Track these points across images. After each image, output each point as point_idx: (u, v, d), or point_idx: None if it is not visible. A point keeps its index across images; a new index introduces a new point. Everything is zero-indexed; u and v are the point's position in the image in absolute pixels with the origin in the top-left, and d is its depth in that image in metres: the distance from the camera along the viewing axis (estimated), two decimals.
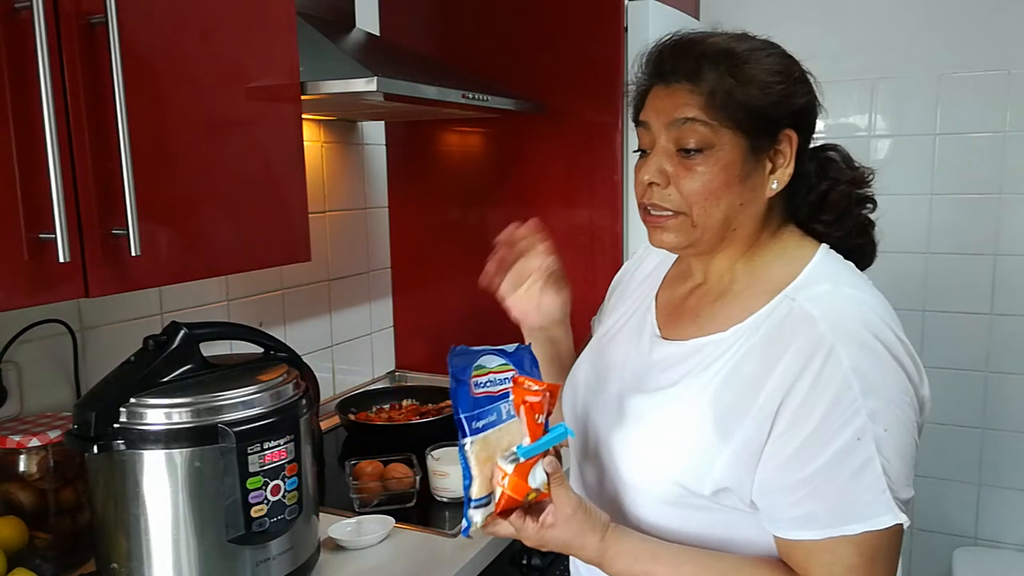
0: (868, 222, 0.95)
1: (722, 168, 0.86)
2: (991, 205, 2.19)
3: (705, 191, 0.86)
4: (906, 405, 0.81)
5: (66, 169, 0.89)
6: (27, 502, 1.15)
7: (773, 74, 0.86)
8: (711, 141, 0.85)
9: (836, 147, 0.96)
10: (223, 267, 1.17)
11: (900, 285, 2.30)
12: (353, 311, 2.09)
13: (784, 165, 0.88)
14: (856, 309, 0.83)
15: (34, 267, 0.87)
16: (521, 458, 0.83)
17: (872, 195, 0.95)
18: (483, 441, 0.85)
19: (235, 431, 1.00)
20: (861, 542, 0.79)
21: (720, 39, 0.89)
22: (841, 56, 2.29)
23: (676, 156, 0.87)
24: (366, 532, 1.27)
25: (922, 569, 2.40)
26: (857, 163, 0.95)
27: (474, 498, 0.85)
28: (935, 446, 2.34)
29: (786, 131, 0.87)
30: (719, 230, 0.89)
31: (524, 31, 1.92)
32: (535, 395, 0.86)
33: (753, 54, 0.87)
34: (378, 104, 1.55)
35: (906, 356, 0.82)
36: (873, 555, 0.81)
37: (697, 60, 0.86)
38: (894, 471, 0.79)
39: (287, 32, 1.23)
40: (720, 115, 0.85)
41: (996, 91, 2.14)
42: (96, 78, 0.92)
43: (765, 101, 0.85)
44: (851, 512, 0.79)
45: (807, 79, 0.90)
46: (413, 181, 2.15)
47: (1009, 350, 2.22)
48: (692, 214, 0.88)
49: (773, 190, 0.88)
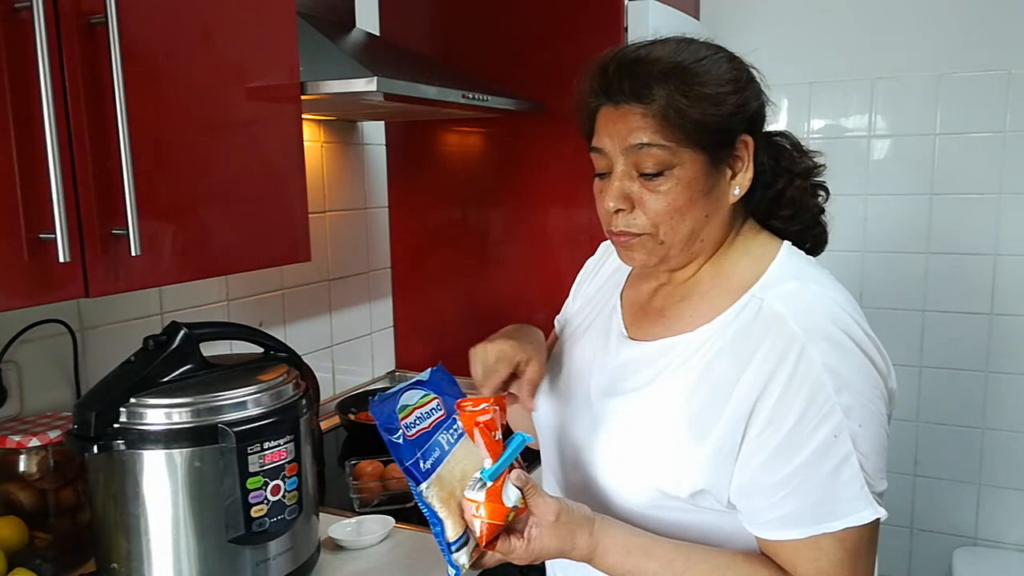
0: (820, 211, 0.96)
1: (685, 186, 0.85)
2: (991, 205, 2.19)
3: (670, 210, 0.86)
4: (877, 399, 0.81)
5: (66, 169, 0.89)
6: (27, 502, 1.15)
7: (723, 84, 0.85)
8: (670, 162, 0.85)
9: (785, 133, 0.96)
10: (223, 267, 1.17)
11: (900, 285, 2.30)
12: (353, 311, 2.09)
13: (743, 170, 0.88)
14: (824, 306, 0.83)
15: (34, 267, 0.87)
16: (488, 481, 0.80)
17: (823, 183, 0.96)
18: (438, 480, 0.82)
19: (235, 431, 1.00)
20: (845, 538, 0.80)
21: (665, 52, 0.86)
22: (841, 56, 2.29)
23: (637, 180, 0.86)
24: (366, 532, 1.27)
25: (922, 569, 2.40)
26: (807, 149, 0.96)
27: (451, 541, 0.81)
28: (935, 446, 2.34)
29: (742, 137, 0.87)
30: (686, 244, 0.88)
31: (524, 31, 1.92)
32: (485, 413, 0.83)
33: (701, 65, 0.85)
34: (378, 104, 1.55)
35: (874, 349, 0.83)
36: (856, 549, 0.81)
37: (645, 80, 0.84)
38: (870, 465, 0.80)
39: (287, 32, 1.23)
40: (676, 135, 0.84)
41: (996, 91, 2.14)
42: (96, 78, 0.92)
43: (720, 114, 0.84)
44: (832, 509, 0.79)
45: (754, 79, 0.89)
46: (413, 181, 2.15)
47: (1009, 350, 2.22)
48: (659, 233, 0.87)
49: (736, 196, 0.88)
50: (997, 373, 2.24)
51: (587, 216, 1.91)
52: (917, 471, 2.38)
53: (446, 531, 0.81)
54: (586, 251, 1.93)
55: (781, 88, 2.37)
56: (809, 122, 2.36)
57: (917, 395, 2.34)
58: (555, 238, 1.97)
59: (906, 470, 2.38)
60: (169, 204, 1.04)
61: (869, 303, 2.35)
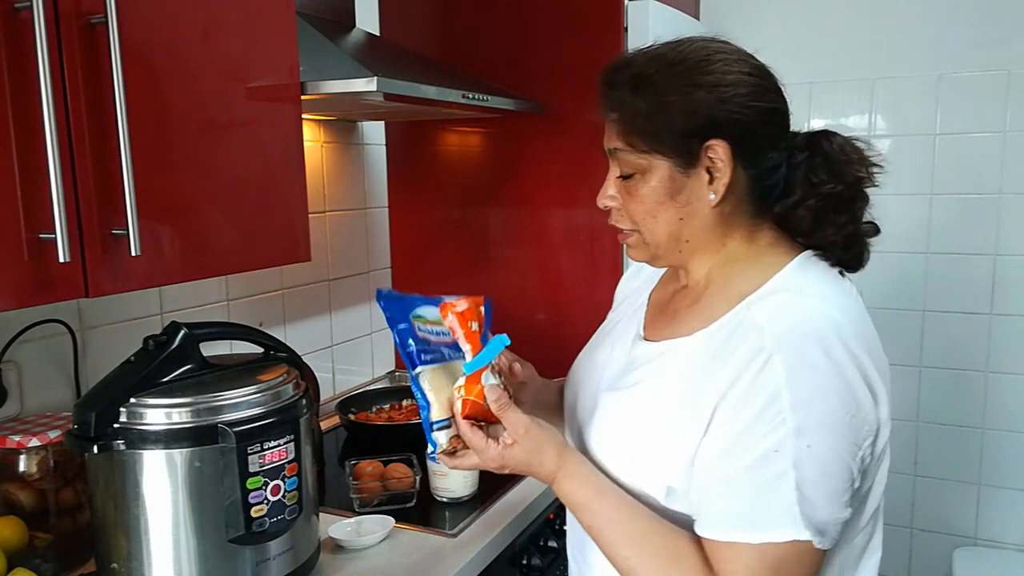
0: (852, 227, 0.91)
1: (651, 189, 0.89)
2: (991, 205, 2.19)
3: (643, 211, 0.91)
4: (843, 425, 0.79)
5: (66, 169, 0.89)
6: (27, 502, 1.15)
7: (682, 90, 0.86)
8: (639, 166, 0.89)
9: (831, 137, 0.92)
10: (223, 267, 1.17)
11: (900, 285, 2.30)
12: (353, 311, 2.09)
13: (722, 176, 0.87)
14: (808, 321, 0.82)
15: (34, 267, 0.87)
16: (468, 372, 0.89)
17: (860, 197, 0.91)
18: (432, 372, 0.91)
19: (235, 431, 0.99)
20: (764, 551, 0.79)
21: (640, 60, 0.90)
22: (841, 56, 2.29)
23: (619, 181, 0.92)
24: (366, 532, 1.27)
25: (922, 569, 2.41)
26: (853, 160, 0.90)
27: (434, 420, 0.90)
28: (935, 446, 2.34)
29: (710, 143, 0.86)
30: (670, 244, 0.92)
31: (524, 31, 1.92)
32: (462, 304, 0.91)
33: (664, 72, 0.88)
34: (378, 104, 1.55)
35: (856, 375, 0.80)
36: (776, 566, 0.80)
37: (616, 88, 0.90)
38: (812, 489, 0.78)
39: (287, 32, 1.23)
40: (638, 141, 0.88)
41: (996, 91, 2.14)
42: (96, 78, 0.92)
43: (673, 121, 0.86)
44: (755, 519, 0.79)
45: (741, 84, 0.87)
46: (413, 181, 2.15)
47: (1009, 350, 2.22)
48: (642, 232, 0.93)
49: (712, 201, 0.89)
50: (997, 373, 2.24)
51: (587, 216, 1.91)
52: (917, 471, 2.38)
53: (431, 411, 0.90)
54: (586, 251, 1.94)
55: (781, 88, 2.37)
56: (809, 122, 2.36)
57: (917, 395, 2.34)
58: (555, 238, 1.97)
59: (906, 470, 2.39)
60: (169, 204, 1.04)
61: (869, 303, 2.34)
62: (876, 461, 0.85)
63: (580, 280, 1.95)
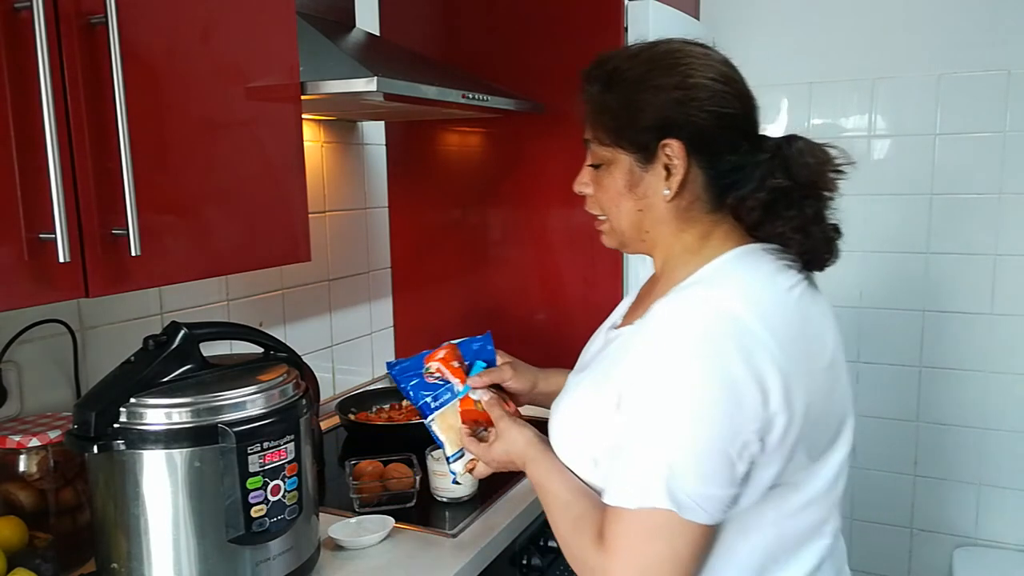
0: (802, 223, 0.94)
1: (614, 180, 0.97)
2: (991, 205, 2.19)
3: (607, 200, 0.99)
4: (720, 413, 0.82)
5: (66, 169, 0.89)
6: (27, 502, 1.15)
7: (646, 90, 0.92)
8: (605, 158, 0.97)
9: (794, 141, 0.95)
10: (223, 267, 1.17)
11: (900, 285, 2.30)
12: (353, 311, 2.09)
13: (676, 173, 0.92)
14: (702, 315, 0.85)
15: (34, 267, 0.87)
16: (460, 396, 1.11)
17: (815, 196, 0.95)
18: (440, 416, 1.11)
19: (235, 431, 1.00)
20: (639, 517, 0.84)
21: (616, 58, 0.96)
22: (841, 56, 2.29)
23: (591, 170, 1.01)
24: (366, 532, 1.27)
25: (922, 569, 2.41)
26: (813, 164, 0.94)
27: (448, 456, 1.13)
28: (935, 446, 2.34)
29: (666, 142, 0.91)
30: (633, 233, 0.99)
31: (524, 31, 1.92)
32: (441, 351, 1.14)
33: (635, 71, 0.93)
34: (378, 104, 1.55)
35: (740, 368, 0.82)
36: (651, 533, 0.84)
37: (592, 84, 0.97)
38: (681, 467, 0.82)
39: (287, 32, 1.23)
40: (603, 135, 0.96)
41: (996, 91, 2.14)
42: (96, 78, 0.92)
43: (634, 118, 0.93)
44: (630, 488, 0.85)
45: (702, 88, 0.91)
46: (413, 181, 2.15)
47: (1009, 350, 2.22)
48: (610, 220, 1.01)
49: (666, 196, 0.94)
50: (997, 373, 2.24)
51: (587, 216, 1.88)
52: (917, 471, 2.38)
53: (446, 450, 1.12)
54: (586, 251, 1.94)
55: (781, 88, 2.37)
56: (809, 122, 2.36)
57: (917, 395, 2.34)
58: (555, 238, 1.97)
59: (906, 470, 2.39)
60: (169, 204, 1.04)
61: (869, 303, 2.36)
62: (780, 449, 0.85)
63: (580, 280, 1.95)
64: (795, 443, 0.86)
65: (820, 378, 0.89)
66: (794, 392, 0.84)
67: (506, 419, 1.06)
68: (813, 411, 0.86)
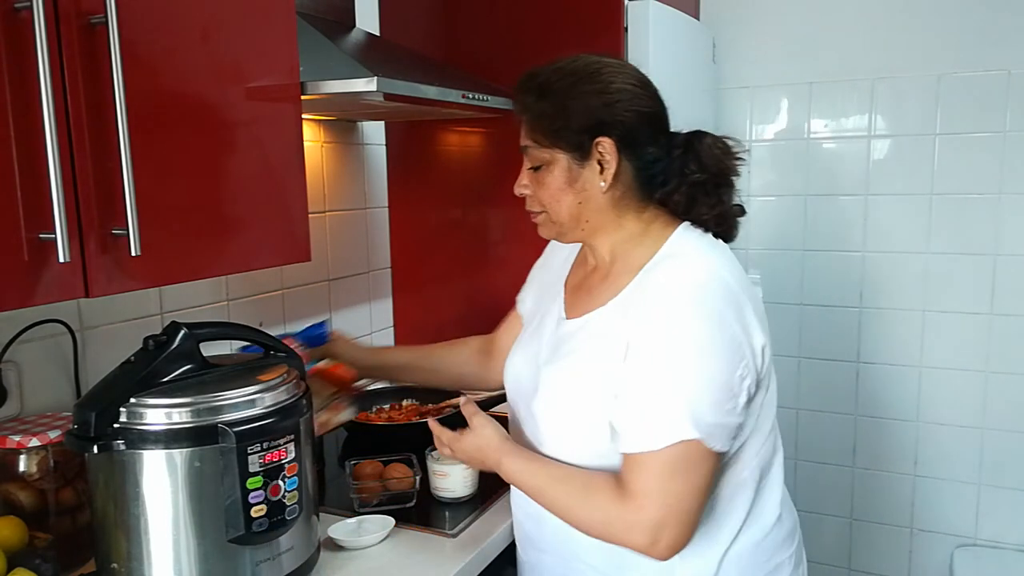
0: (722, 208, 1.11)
1: (554, 178, 1.11)
2: (991, 205, 2.19)
3: (548, 196, 1.12)
4: (724, 350, 0.99)
5: (66, 169, 0.89)
6: (27, 502, 1.15)
7: (577, 96, 1.07)
8: (542, 159, 1.11)
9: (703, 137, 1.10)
10: (223, 267, 1.17)
11: (900, 285, 2.31)
12: (353, 311, 2.09)
13: (609, 167, 1.07)
14: (691, 271, 1.04)
15: (34, 267, 0.87)
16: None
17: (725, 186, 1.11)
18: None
19: (235, 431, 1.00)
20: (662, 455, 0.97)
21: (545, 72, 1.11)
22: (841, 56, 2.29)
23: (530, 172, 1.14)
24: (366, 532, 1.27)
25: (922, 569, 2.41)
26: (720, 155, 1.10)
27: None
28: (936, 446, 2.34)
29: (599, 139, 1.06)
30: (572, 223, 1.12)
31: (524, 31, 1.92)
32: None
33: (563, 81, 1.08)
34: (378, 104, 1.55)
35: (734, 313, 1.01)
36: (675, 467, 0.98)
37: (526, 95, 1.13)
38: (698, 399, 0.97)
39: (287, 32, 1.23)
40: (539, 138, 1.11)
41: (996, 91, 2.14)
42: (96, 78, 0.92)
43: (569, 121, 1.07)
44: (654, 428, 0.98)
45: (624, 91, 1.07)
46: (413, 181, 2.15)
47: (1009, 350, 2.22)
48: (549, 213, 1.14)
49: (602, 188, 1.08)
50: (997, 373, 2.24)
51: None
52: (917, 471, 2.38)
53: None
54: None
55: (781, 88, 2.37)
56: (809, 122, 2.36)
57: (917, 395, 2.34)
58: None
59: (906, 470, 2.39)
60: (169, 204, 1.04)
61: (869, 303, 2.36)
62: (765, 378, 1.06)
63: None
64: (768, 374, 1.07)
65: (765, 321, 1.08)
66: (762, 328, 1.04)
67: (480, 416, 1.17)
68: (768, 347, 1.06)
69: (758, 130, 2.42)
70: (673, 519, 0.98)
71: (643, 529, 0.98)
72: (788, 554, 1.18)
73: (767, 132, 2.41)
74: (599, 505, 1.02)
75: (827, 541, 2.50)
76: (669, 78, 2.05)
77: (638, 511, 0.98)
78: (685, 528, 0.99)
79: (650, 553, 1.00)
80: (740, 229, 1.15)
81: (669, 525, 0.98)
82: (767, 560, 1.14)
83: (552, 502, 1.08)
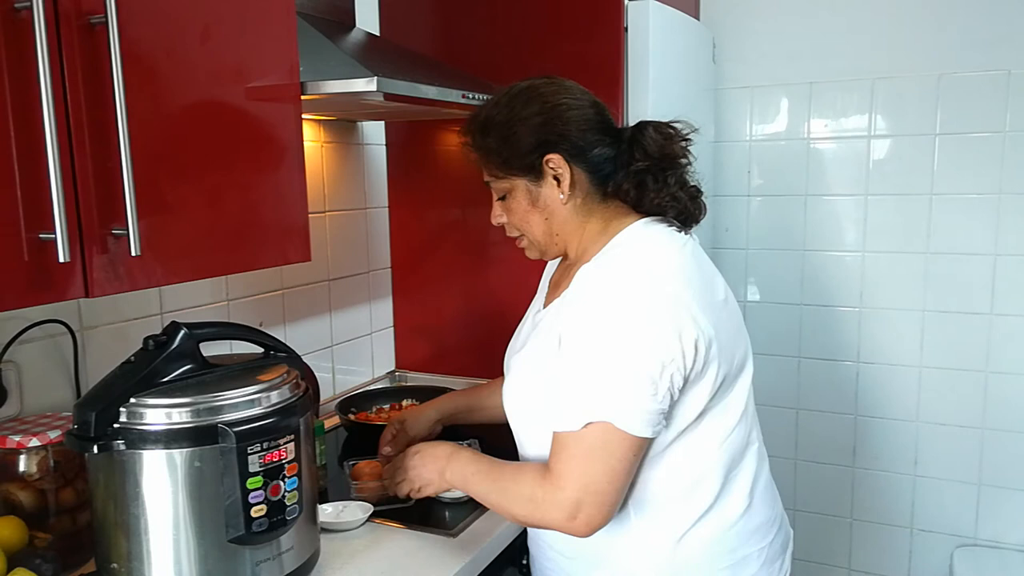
0: (670, 191, 1.14)
1: (517, 203, 1.18)
2: (991, 205, 2.19)
3: (519, 220, 1.19)
4: (648, 341, 1.01)
5: (66, 169, 0.89)
6: (27, 502, 1.15)
7: (516, 123, 1.13)
8: (505, 188, 1.18)
9: (645, 127, 1.14)
10: (223, 267, 1.17)
11: (900, 285, 2.31)
12: (353, 311, 2.09)
13: (564, 179, 1.13)
14: (620, 264, 1.09)
15: (34, 267, 0.87)
16: None
17: (672, 172, 1.15)
18: None
19: (235, 431, 1.00)
20: (581, 436, 1.03)
21: (483, 109, 1.19)
22: (841, 56, 2.29)
23: (499, 203, 1.21)
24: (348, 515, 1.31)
25: (922, 569, 2.41)
26: (660, 144, 1.13)
27: None
28: (935, 446, 2.34)
29: (547, 157, 1.12)
30: (547, 240, 1.19)
31: (524, 31, 1.92)
32: None
33: (500, 113, 1.15)
34: (378, 104, 1.55)
35: (664, 306, 1.03)
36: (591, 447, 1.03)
37: (471, 136, 1.20)
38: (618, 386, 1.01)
39: (287, 32, 1.23)
40: (494, 171, 1.17)
41: (996, 91, 2.14)
42: (96, 78, 0.92)
43: (515, 148, 1.13)
44: (574, 411, 1.03)
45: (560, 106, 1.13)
46: (413, 181, 2.15)
47: (1009, 350, 2.22)
48: (526, 236, 1.21)
49: (562, 200, 1.14)
50: (997, 373, 2.25)
51: None
52: (917, 471, 2.38)
53: None
54: None
55: (781, 88, 2.37)
56: (809, 122, 2.36)
57: (917, 395, 2.34)
58: None
59: (906, 470, 2.39)
60: (169, 204, 1.04)
61: (869, 303, 2.36)
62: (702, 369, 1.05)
63: None
64: (717, 366, 1.07)
65: (720, 310, 1.11)
66: (700, 320, 1.04)
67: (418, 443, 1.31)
68: (722, 337, 1.07)
69: (758, 130, 2.42)
70: (590, 498, 1.03)
71: (561, 507, 1.04)
72: (758, 548, 1.18)
73: (767, 132, 2.42)
74: (524, 485, 1.09)
75: (827, 541, 2.51)
76: (669, 78, 2.06)
77: (558, 490, 1.05)
78: (603, 508, 1.04)
79: (569, 530, 1.06)
80: (705, 212, 1.19)
81: (586, 504, 1.03)
82: (731, 551, 1.15)
83: (486, 494, 1.16)
